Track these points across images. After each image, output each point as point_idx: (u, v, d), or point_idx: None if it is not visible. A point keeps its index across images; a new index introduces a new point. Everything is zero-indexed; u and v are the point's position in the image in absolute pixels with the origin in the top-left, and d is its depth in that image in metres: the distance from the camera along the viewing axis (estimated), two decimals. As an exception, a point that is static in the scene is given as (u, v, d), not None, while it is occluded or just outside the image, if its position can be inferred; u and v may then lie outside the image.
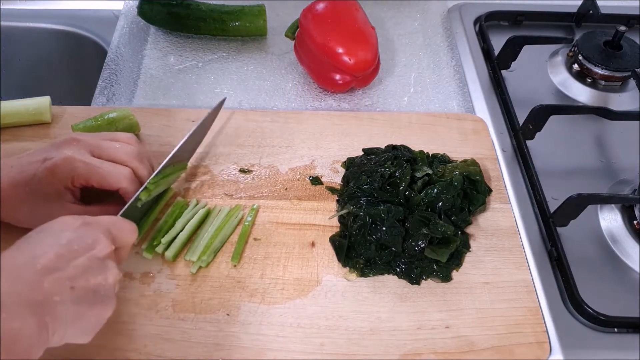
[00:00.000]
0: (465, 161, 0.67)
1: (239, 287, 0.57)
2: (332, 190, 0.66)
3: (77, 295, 0.43)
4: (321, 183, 0.67)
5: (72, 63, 0.95)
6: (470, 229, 0.63)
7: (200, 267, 0.58)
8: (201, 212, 0.61)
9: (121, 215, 0.55)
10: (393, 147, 0.69)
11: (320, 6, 0.76)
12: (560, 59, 0.86)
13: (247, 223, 0.62)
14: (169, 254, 0.58)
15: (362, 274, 0.59)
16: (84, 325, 0.44)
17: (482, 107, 0.78)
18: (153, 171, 0.60)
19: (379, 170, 0.63)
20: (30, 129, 0.70)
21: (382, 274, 0.59)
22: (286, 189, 0.66)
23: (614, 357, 0.55)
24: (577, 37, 0.86)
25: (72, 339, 0.44)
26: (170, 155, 0.61)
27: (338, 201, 0.65)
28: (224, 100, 0.71)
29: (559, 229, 0.63)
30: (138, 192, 0.57)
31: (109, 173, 0.56)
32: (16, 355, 0.38)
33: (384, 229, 0.59)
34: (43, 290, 0.41)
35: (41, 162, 0.55)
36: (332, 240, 0.61)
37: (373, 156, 0.67)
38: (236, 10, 0.84)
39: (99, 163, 0.56)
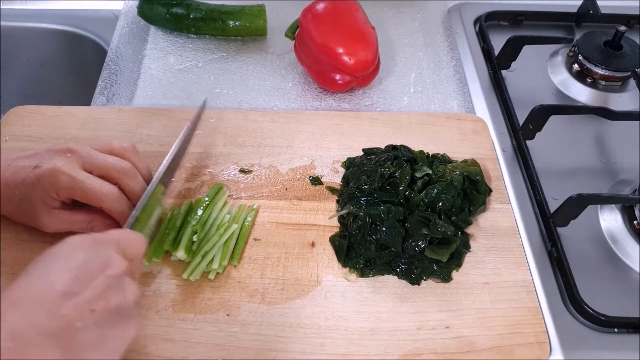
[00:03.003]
0: (465, 161, 0.67)
1: (239, 287, 0.57)
2: (332, 190, 0.66)
3: (99, 318, 0.41)
4: (321, 183, 0.67)
5: (72, 63, 0.95)
6: (470, 229, 0.63)
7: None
8: (235, 228, 0.60)
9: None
10: (393, 147, 0.69)
11: (320, 6, 0.76)
12: (560, 59, 0.86)
13: (247, 223, 0.62)
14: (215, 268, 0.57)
15: (362, 274, 0.59)
16: (110, 347, 0.42)
17: (482, 107, 0.78)
18: (148, 183, 0.59)
19: (379, 171, 0.63)
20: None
21: (382, 274, 0.59)
22: (286, 189, 0.66)
23: (614, 357, 0.55)
24: (577, 37, 0.86)
25: (113, 356, 0.43)
26: (159, 171, 0.59)
27: (338, 201, 0.65)
28: (205, 101, 0.69)
29: (559, 229, 0.63)
30: (131, 220, 0.54)
31: (92, 190, 0.54)
32: None
33: (383, 229, 0.59)
34: (63, 318, 0.39)
35: (32, 169, 0.54)
36: (332, 240, 0.61)
37: (373, 156, 0.67)
38: (236, 10, 0.84)
39: (85, 178, 0.54)
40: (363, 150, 0.69)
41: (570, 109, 0.75)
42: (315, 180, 0.67)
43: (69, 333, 0.39)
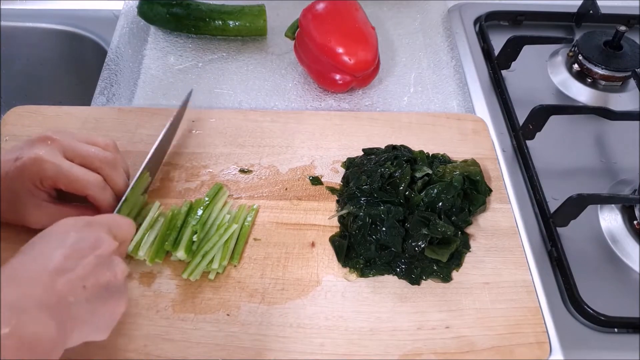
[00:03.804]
0: (465, 161, 0.67)
1: (239, 287, 0.57)
2: (332, 190, 0.66)
3: (90, 294, 0.44)
4: (321, 183, 0.67)
5: (72, 63, 0.95)
6: (470, 229, 0.63)
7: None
8: (235, 228, 0.60)
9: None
10: (393, 147, 0.69)
11: (320, 6, 0.76)
12: (560, 59, 0.86)
13: (247, 223, 0.62)
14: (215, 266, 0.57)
15: (362, 274, 0.59)
16: (100, 321, 0.46)
17: (482, 107, 0.78)
18: (128, 179, 0.60)
19: (379, 171, 0.63)
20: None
21: (382, 274, 0.59)
22: (286, 189, 0.66)
23: (614, 357, 0.55)
24: (577, 37, 0.86)
25: (90, 337, 0.45)
26: (147, 158, 0.61)
27: (338, 201, 0.65)
28: (190, 93, 0.70)
29: (559, 229, 0.63)
30: (119, 205, 0.56)
31: (77, 178, 0.55)
32: (38, 357, 0.39)
33: (383, 229, 0.59)
34: (57, 292, 0.42)
35: (13, 161, 0.54)
36: (332, 240, 0.61)
37: (373, 156, 0.67)
38: (236, 10, 0.84)
39: (69, 166, 0.55)
40: (363, 150, 0.69)
41: (570, 109, 0.75)
42: (315, 180, 0.67)
43: (63, 307, 0.42)
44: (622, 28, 0.82)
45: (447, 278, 0.59)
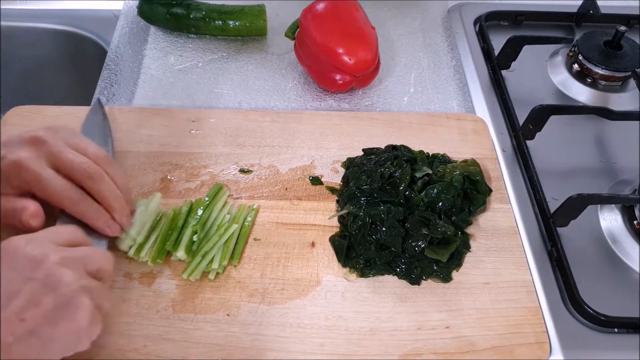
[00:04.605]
0: (465, 161, 0.67)
1: (239, 287, 0.57)
2: (332, 190, 0.66)
3: (32, 325, 0.40)
4: (321, 183, 0.67)
5: (72, 63, 0.95)
6: (470, 229, 0.63)
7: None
8: (234, 228, 0.60)
9: None
10: (393, 147, 0.69)
11: (320, 6, 0.76)
12: (560, 59, 0.86)
13: (247, 223, 0.62)
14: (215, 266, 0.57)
15: (362, 274, 0.59)
16: (61, 343, 0.41)
17: (482, 107, 0.78)
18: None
19: (379, 171, 0.63)
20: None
21: (382, 274, 0.59)
22: (286, 189, 0.66)
23: (614, 357, 0.55)
24: (577, 37, 0.86)
25: (71, 351, 0.42)
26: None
27: (338, 201, 0.65)
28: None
29: (559, 229, 0.63)
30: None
31: (54, 191, 0.53)
32: None
33: (383, 229, 0.59)
34: None
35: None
36: (332, 240, 0.61)
37: (373, 156, 0.67)
38: (236, 10, 0.84)
39: (49, 176, 0.53)
40: (363, 150, 0.69)
41: (570, 109, 0.75)
42: (315, 180, 0.67)
43: (5, 350, 0.38)
44: (622, 28, 0.82)
45: (447, 278, 0.59)
